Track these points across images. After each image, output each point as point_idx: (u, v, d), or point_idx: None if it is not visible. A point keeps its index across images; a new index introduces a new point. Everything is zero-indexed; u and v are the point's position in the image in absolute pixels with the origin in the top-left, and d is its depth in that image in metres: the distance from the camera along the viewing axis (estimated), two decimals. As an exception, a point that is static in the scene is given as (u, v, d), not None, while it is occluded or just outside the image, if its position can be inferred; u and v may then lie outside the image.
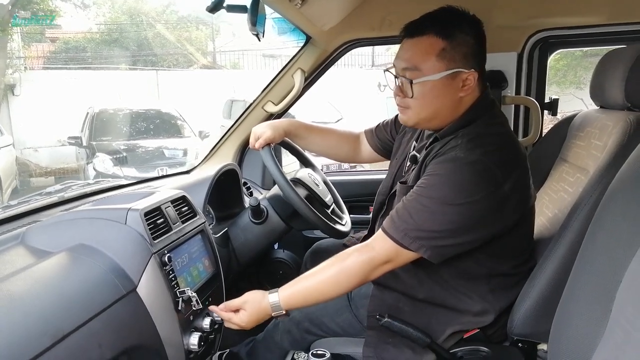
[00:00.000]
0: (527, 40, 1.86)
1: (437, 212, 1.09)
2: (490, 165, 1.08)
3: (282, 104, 1.96)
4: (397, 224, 1.11)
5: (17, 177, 7.51)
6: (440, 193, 1.09)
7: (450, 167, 1.10)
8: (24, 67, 10.81)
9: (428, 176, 1.13)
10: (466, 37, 1.14)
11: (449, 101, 1.17)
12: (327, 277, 1.16)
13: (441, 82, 1.14)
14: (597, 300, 0.79)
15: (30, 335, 0.77)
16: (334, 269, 1.15)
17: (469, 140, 1.13)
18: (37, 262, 0.97)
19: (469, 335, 1.24)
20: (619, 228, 0.80)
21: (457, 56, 1.13)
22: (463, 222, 1.08)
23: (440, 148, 1.18)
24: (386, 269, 1.15)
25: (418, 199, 1.11)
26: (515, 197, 1.12)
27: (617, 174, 0.86)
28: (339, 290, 1.17)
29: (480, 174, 1.08)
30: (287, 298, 1.16)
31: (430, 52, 1.13)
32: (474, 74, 1.15)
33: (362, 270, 1.14)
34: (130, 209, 1.10)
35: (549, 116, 2.06)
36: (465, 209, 1.07)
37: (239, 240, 1.58)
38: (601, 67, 1.34)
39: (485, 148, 1.11)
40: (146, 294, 1.02)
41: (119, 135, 7.56)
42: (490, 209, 1.09)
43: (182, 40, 14.51)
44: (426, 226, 1.09)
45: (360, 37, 1.92)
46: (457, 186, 1.08)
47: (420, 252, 1.10)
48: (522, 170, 1.15)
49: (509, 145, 1.17)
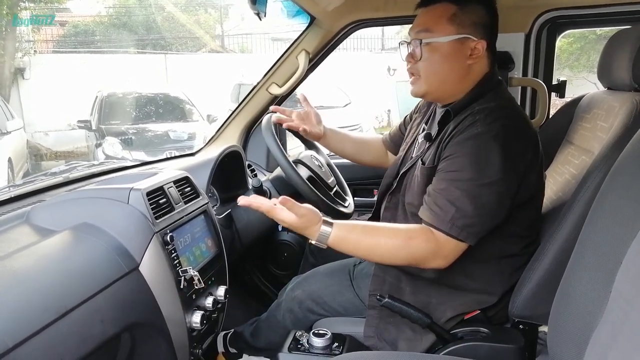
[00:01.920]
0: (535, 20, 1.82)
1: (476, 195, 1.09)
2: (511, 136, 1.11)
3: (286, 86, 1.95)
4: (441, 216, 1.10)
5: (28, 160, 7.59)
6: (473, 174, 1.09)
7: (475, 144, 1.11)
8: (33, 51, 10.84)
9: (455, 158, 1.13)
10: (477, 6, 1.19)
11: (457, 67, 1.20)
12: (387, 244, 1.13)
13: (450, 45, 1.18)
14: (597, 281, 0.79)
15: (34, 310, 0.79)
16: (397, 242, 1.13)
17: (487, 114, 1.14)
18: (40, 239, 0.99)
19: (470, 317, 1.24)
20: (620, 208, 0.79)
21: (467, 22, 1.17)
22: (500, 200, 1.10)
23: (457, 125, 1.17)
24: (442, 264, 1.14)
25: (454, 184, 1.11)
26: (535, 166, 1.15)
27: (620, 155, 0.85)
28: (390, 260, 1.18)
29: (505, 146, 1.09)
30: (339, 239, 1.12)
31: (442, 16, 1.18)
32: (482, 43, 1.18)
33: (423, 257, 1.13)
34: (132, 188, 1.11)
35: (558, 100, 2.03)
36: (498, 186, 1.09)
37: (242, 222, 1.59)
38: (609, 48, 1.32)
39: (504, 121, 1.13)
40: (148, 272, 1.03)
41: (127, 119, 7.59)
42: (517, 182, 1.11)
43: (190, 23, 14.44)
44: (470, 212, 1.09)
45: (365, 17, 1.90)
46: (488, 163, 1.09)
47: (468, 241, 1.10)
48: (536, 143, 1.18)
49: (522, 117, 1.20)
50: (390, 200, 1.38)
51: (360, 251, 1.16)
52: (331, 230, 1.11)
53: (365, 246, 1.14)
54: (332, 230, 1.12)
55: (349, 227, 1.15)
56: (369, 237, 1.15)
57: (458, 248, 1.12)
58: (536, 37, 1.86)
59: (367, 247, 1.14)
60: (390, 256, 1.15)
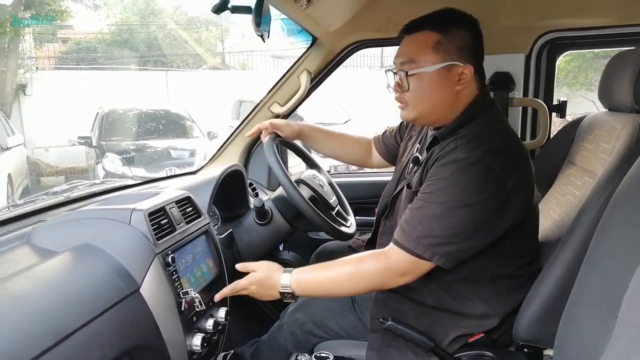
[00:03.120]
0: (535, 41, 1.83)
1: (445, 217, 1.09)
2: (492, 163, 1.09)
3: (288, 105, 1.96)
4: (409, 233, 1.12)
5: (28, 176, 7.59)
6: (446, 197, 1.09)
7: (453, 169, 1.10)
8: (35, 67, 10.92)
9: (432, 180, 1.13)
10: (461, 31, 1.17)
11: (446, 95, 1.19)
12: (342, 274, 1.16)
13: (436, 74, 1.17)
14: (603, 306, 0.78)
15: (33, 335, 0.78)
16: (349, 268, 1.16)
17: (469, 140, 1.13)
18: (41, 261, 0.98)
19: (474, 340, 1.23)
20: (625, 233, 0.79)
21: (452, 49, 1.16)
22: (472, 224, 1.09)
23: (441, 150, 1.17)
24: (402, 282, 1.15)
25: (425, 206, 1.12)
26: (520, 195, 1.12)
27: (624, 178, 0.85)
28: (350, 290, 1.19)
29: (482, 173, 1.08)
30: (299, 281, 1.17)
31: (426, 45, 1.17)
32: (470, 68, 1.17)
33: (377, 278, 1.15)
34: (134, 209, 1.10)
35: (558, 118, 2.04)
36: (472, 210, 1.08)
37: (244, 241, 1.58)
38: (609, 69, 1.33)
39: (485, 147, 1.11)
40: (149, 295, 1.02)
41: (128, 135, 7.61)
42: (496, 208, 1.09)
43: (191, 41, 14.59)
44: (437, 232, 1.09)
45: (367, 38, 1.92)
46: (462, 188, 1.08)
47: (434, 260, 1.10)
48: (524, 168, 1.15)
49: (509, 144, 1.17)
50: (385, 225, 1.40)
51: (323, 288, 1.19)
52: (291, 274, 1.18)
53: (326, 281, 1.18)
54: (292, 274, 1.18)
55: (306, 268, 1.21)
56: (326, 272, 1.18)
57: (422, 266, 1.12)
58: (536, 58, 1.87)
59: (328, 282, 1.18)
60: (350, 284, 1.16)
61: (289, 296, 1.19)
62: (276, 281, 1.18)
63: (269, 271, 1.21)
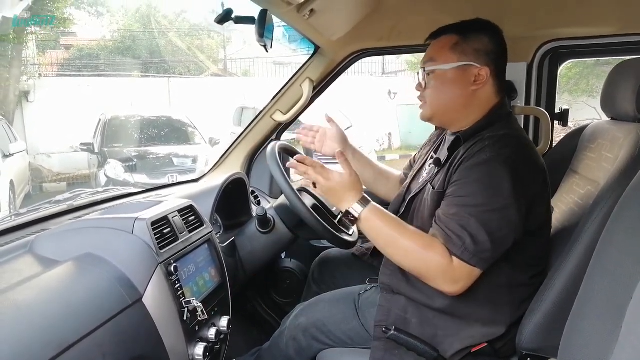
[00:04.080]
0: (537, 50, 1.84)
1: (487, 221, 1.10)
2: (521, 164, 1.13)
3: (290, 113, 1.97)
4: (454, 240, 1.11)
5: (30, 182, 7.62)
6: (483, 200, 1.11)
7: (485, 170, 1.13)
8: (38, 74, 10.97)
9: (464, 183, 1.14)
10: (480, 35, 1.24)
11: (461, 93, 1.24)
12: (406, 243, 1.17)
13: (452, 72, 1.23)
14: (607, 316, 0.78)
15: (35, 345, 0.77)
16: (416, 245, 1.15)
17: (497, 140, 1.16)
18: (44, 271, 0.98)
19: (477, 350, 1.22)
20: (629, 243, 0.79)
21: (469, 50, 1.22)
22: (509, 226, 1.11)
23: (466, 151, 1.19)
24: (452, 290, 1.14)
25: (464, 210, 1.12)
26: (543, 197, 1.17)
27: (628, 187, 0.85)
28: (402, 261, 1.20)
29: (513, 173, 1.11)
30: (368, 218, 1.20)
31: (445, 46, 1.25)
32: (486, 70, 1.22)
33: (432, 272, 1.15)
34: (137, 218, 1.10)
35: (559, 126, 2.04)
36: (508, 212, 1.10)
37: (246, 250, 1.58)
38: (612, 79, 1.33)
39: (514, 147, 1.15)
40: (152, 304, 1.02)
41: (130, 142, 7.64)
42: (527, 206, 1.12)
43: (193, 48, 14.66)
44: (481, 237, 1.10)
45: (369, 47, 1.92)
46: (497, 189, 1.11)
47: (479, 266, 1.11)
48: (544, 173, 1.20)
49: (532, 148, 1.22)
50: None
51: (380, 239, 1.21)
52: (363, 209, 1.20)
53: (386, 237, 1.19)
54: (365, 209, 1.20)
55: (380, 213, 1.21)
56: (392, 230, 1.19)
57: (468, 273, 1.12)
58: (538, 67, 1.87)
59: (386, 238, 1.19)
60: (405, 256, 1.18)
61: (351, 219, 1.21)
62: (351, 200, 1.21)
63: (352, 184, 1.23)
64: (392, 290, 1.29)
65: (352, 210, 1.21)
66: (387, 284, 1.30)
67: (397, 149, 12.49)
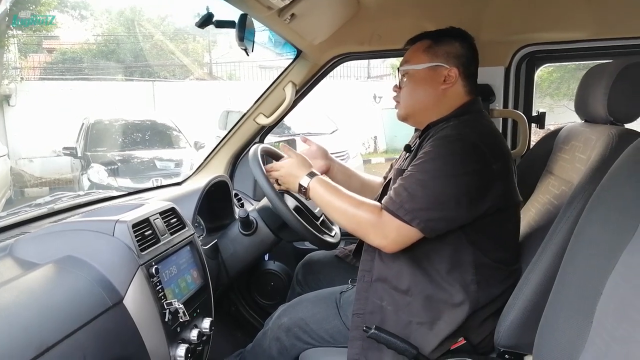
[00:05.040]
0: (514, 55, 1.88)
1: (428, 185, 1.16)
2: (480, 143, 1.18)
3: (273, 116, 1.98)
4: (394, 198, 1.18)
5: (12, 187, 7.48)
6: (431, 166, 1.17)
7: (442, 142, 1.19)
8: (20, 78, 10.80)
9: (421, 155, 1.21)
10: (452, 40, 1.33)
11: (431, 92, 1.33)
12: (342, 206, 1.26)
13: (424, 72, 1.33)
14: (578, 312, 0.80)
15: (14, 347, 0.78)
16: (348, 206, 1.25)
17: (460, 122, 1.25)
18: (23, 273, 0.97)
19: (456, 347, 1.25)
20: (599, 240, 0.81)
21: (440, 52, 1.32)
22: (454, 194, 1.15)
23: (432, 134, 1.26)
24: (384, 243, 1.20)
25: (412, 174, 1.19)
26: (503, 180, 1.20)
27: (598, 186, 0.87)
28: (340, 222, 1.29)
29: (469, 148, 1.17)
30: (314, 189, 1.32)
31: (419, 49, 1.36)
32: (455, 71, 1.31)
33: (364, 227, 1.22)
34: (118, 220, 1.10)
35: (538, 129, 2.08)
36: (455, 181, 1.15)
37: (229, 252, 1.59)
38: (585, 82, 1.37)
39: (476, 129, 1.22)
40: (133, 306, 1.02)
41: (114, 145, 7.55)
42: (480, 185, 1.16)
43: (179, 51, 14.58)
44: (419, 198, 1.15)
45: (350, 51, 1.95)
46: (447, 159, 1.17)
47: (413, 224, 1.15)
48: (508, 160, 1.23)
49: (497, 136, 1.28)
50: None
51: (324, 205, 1.31)
52: (310, 179, 1.33)
53: (328, 201, 1.29)
54: (312, 180, 1.33)
55: (325, 182, 1.33)
56: (333, 195, 1.29)
57: (404, 230, 1.17)
58: (515, 70, 1.91)
59: (329, 203, 1.29)
60: (341, 215, 1.26)
61: (303, 192, 1.34)
62: (300, 175, 1.34)
63: (299, 164, 1.38)
64: (370, 279, 1.31)
65: (302, 183, 1.33)
66: (363, 270, 1.33)
67: (382, 152, 12.56)
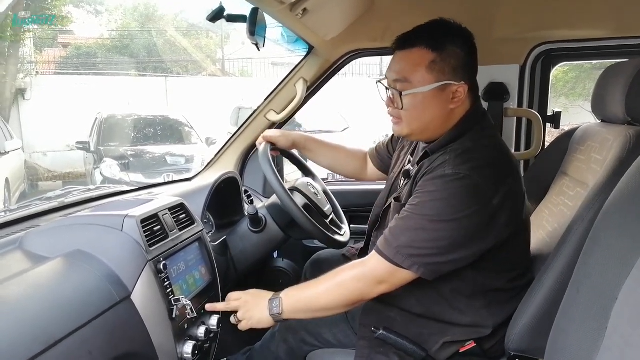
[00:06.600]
0: (530, 52, 1.84)
1: (428, 230, 1.09)
2: (479, 180, 1.08)
3: (284, 113, 1.97)
4: (390, 242, 1.12)
5: (26, 180, 7.58)
6: (430, 210, 1.10)
7: (439, 183, 1.10)
8: (35, 72, 10.93)
9: (419, 194, 1.14)
10: (456, 49, 1.15)
11: (439, 113, 1.18)
12: (323, 287, 1.18)
13: (431, 94, 1.15)
14: (593, 317, 0.78)
15: (22, 341, 0.77)
16: (328, 283, 1.17)
17: (457, 155, 1.13)
18: (32, 267, 0.98)
19: (466, 350, 1.23)
20: (615, 244, 0.79)
21: (447, 68, 1.14)
22: (454, 238, 1.08)
23: (430, 165, 1.18)
24: (382, 290, 1.15)
25: (410, 217, 1.12)
26: (506, 211, 1.11)
27: (615, 189, 0.85)
28: (332, 303, 1.18)
29: (468, 189, 1.08)
30: (287, 303, 1.20)
31: (420, 64, 1.14)
32: (464, 87, 1.16)
33: (354, 286, 1.15)
34: (127, 215, 1.10)
35: (553, 129, 2.05)
36: (456, 225, 1.08)
37: (237, 249, 1.58)
38: (602, 81, 1.34)
39: (473, 163, 1.11)
40: (140, 302, 1.02)
41: (126, 141, 7.61)
42: (481, 224, 1.09)
43: (191, 47, 14.64)
44: (418, 243, 1.10)
45: (363, 47, 1.93)
46: (447, 203, 1.08)
47: (412, 269, 1.10)
48: (512, 183, 1.14)
49: (498, 159, 1.16)
50: (376, 236, 1.39)
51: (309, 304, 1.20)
52: (278, 298, 1.20)
53: (310, 298, 1.20)
54: (280, 296, 1.21)
55: (293, 288, 1.23)
56: (309, 289, 1.20)
57: (399, 275, 1.12)
58: (531, 69, 1.88)
59: (311, 298, 1.19)
60: (331, 298, 1.17)
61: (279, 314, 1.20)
62: (265, 303, 1.21)
63: (254, 294, 1.27)
64: (376, 299, 1.29)
65: (273, 309, 1.20)
66: None
67: (394, 151, 12.49)
